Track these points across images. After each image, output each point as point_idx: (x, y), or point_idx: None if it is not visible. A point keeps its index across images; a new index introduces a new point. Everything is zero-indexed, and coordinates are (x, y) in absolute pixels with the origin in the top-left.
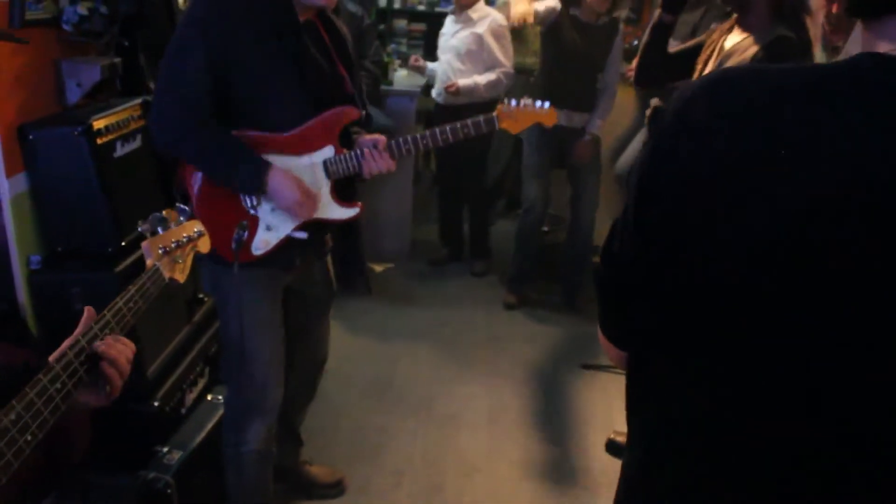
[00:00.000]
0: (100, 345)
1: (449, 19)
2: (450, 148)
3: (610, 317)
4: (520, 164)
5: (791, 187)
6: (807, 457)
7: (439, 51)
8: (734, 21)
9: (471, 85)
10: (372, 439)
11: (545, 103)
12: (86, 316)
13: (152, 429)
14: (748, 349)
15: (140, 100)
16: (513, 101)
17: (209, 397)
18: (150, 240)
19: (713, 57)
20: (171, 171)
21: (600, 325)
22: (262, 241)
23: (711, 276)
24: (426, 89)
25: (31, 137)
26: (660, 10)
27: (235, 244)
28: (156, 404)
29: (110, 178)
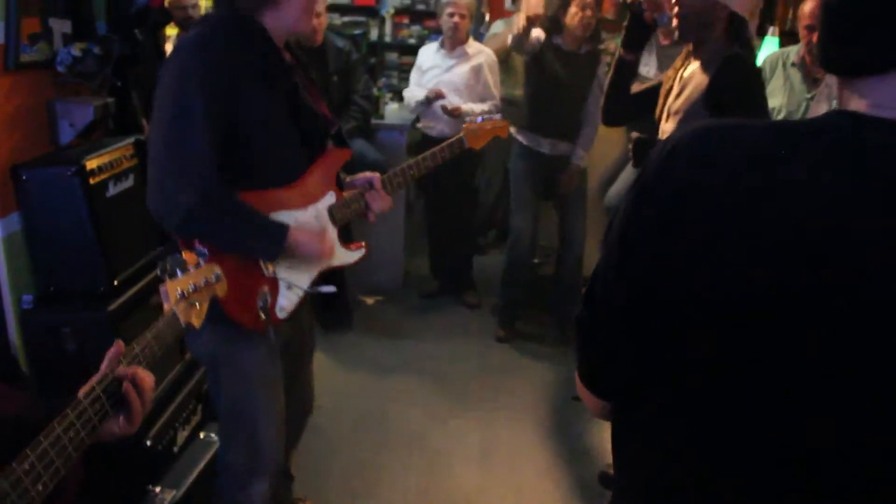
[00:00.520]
0: (124, 370)
1: (438, 54)
2: (437, 182)
3: (591, 365)
4: (510, 193)
5: (768, 242)
6: (793, 496)
7: (425, 83)
8: (688, 52)
9: (471, 109)
10: (365, 474)
11: (498, 116)
12: (112, 351)
13: (144, 468)
14: (733, 393)
15: (133, 139)
16: (475, 120)
17: (202, 435)
18: (168, 283)
19: (674, 90)
20: None
21: (580, 375)
22: (287, 301)
23: (694, 324)
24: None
25: (24, 178)
26: (621, 48)
27: (264, 312)
28: (148, 443)
29: (103, 218)
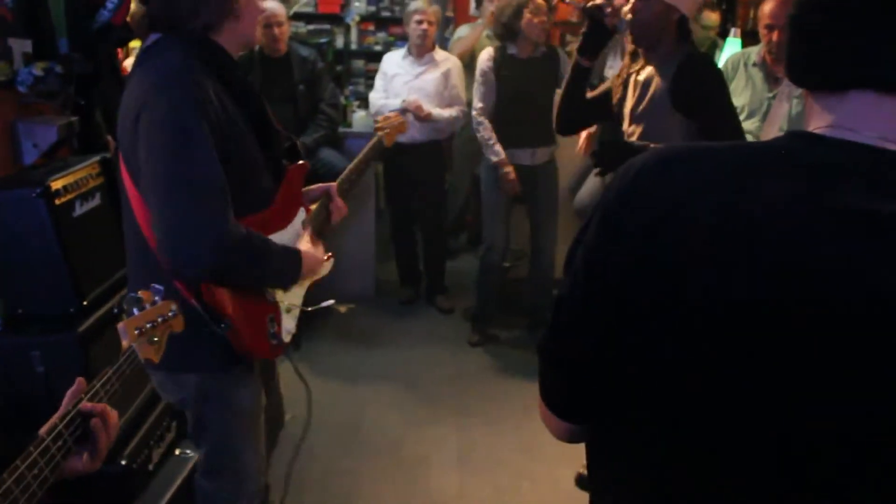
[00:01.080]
0: (90, 406)
1: (405, 61)
2: (398, 188)
3: (559, 393)
4: (479, 197)
5: (728, 269)
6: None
7: (393, 90)
8: (633, 55)
9: (441, 115)
10: (342, 484)
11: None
12: (73, 389)
13: (120, 488)
14: (700, 420)
15: (98, 157)
16: (383, 120)
17: (177, 452)
18: (125, 321)
19: (629, 94)
20: None
21: (542, 397)
22: (290, 323)
23: (661, 351)
24: None
25: None
26: (578, 54)
27: (275, 339)
28: (123, 463)
29: (70, 239)
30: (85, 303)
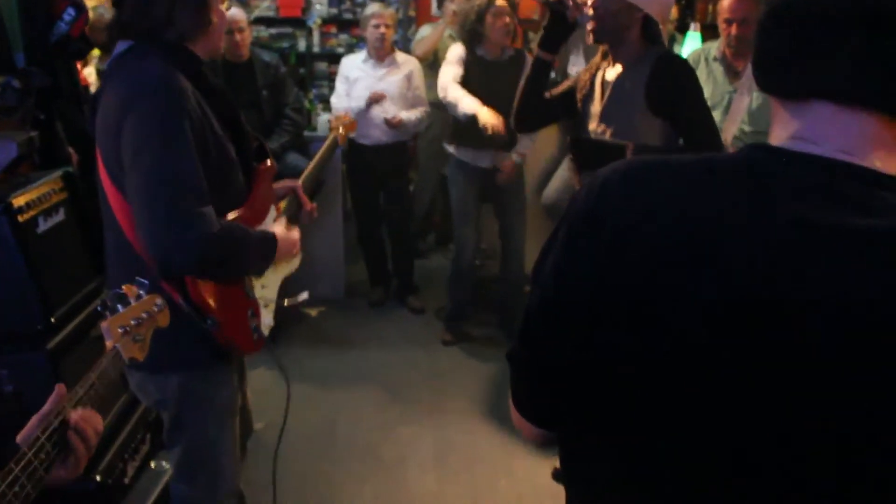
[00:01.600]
0: (70, 413)
1: (366, 65)
2: (364, 189)
3: (531, 400)
4: (446, 197)
5: (691, 283)
6: None
7: (356, 93)
8: (605, 54)
9: (409, 119)
10: (319, 489)
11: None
12: (54, 395)
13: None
14: (672, 430)
15: (61, 171)
16: (335, 118)
17: (152, 465)
18: (109, 320)
19: (597, 93)
20: (99, 242)
21: (514, 403)
22: (269, 318)
23: (630, 362)
24: None
25: None
26: (539, 48)
27: (256, 333)
28: (97, 478)
29: (35, 255)
30: (53, 319)
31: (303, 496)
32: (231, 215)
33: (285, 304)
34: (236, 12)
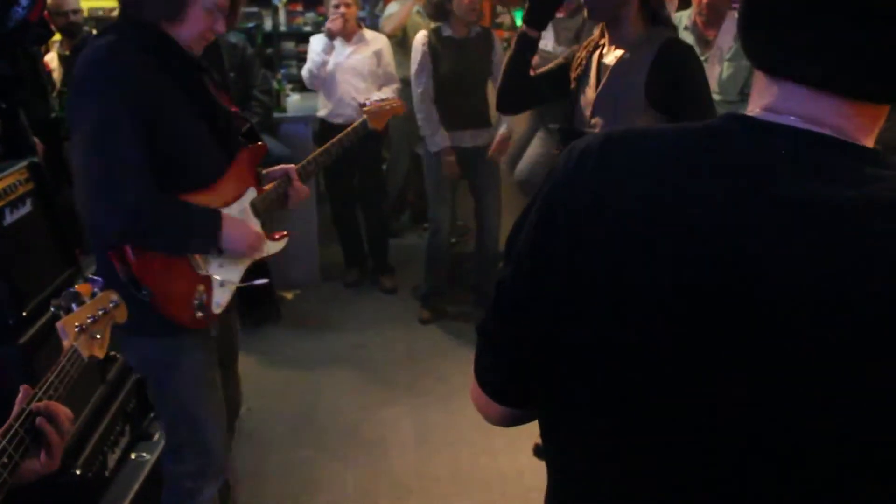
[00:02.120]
0: (36, 405)
1: (334, 43)
2: (337, 169)
3: (493, 371)
4: (419, 175)
5: (665, 257)
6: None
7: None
8: (602, 34)
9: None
10: (302, 473)
11: (392, 95)
12: (20, 396)
13: (76, 499)
14: (644, 411)
15: (26, 162)
16: (372, 98)
17: (133, 456)
18: (64, 319)
19: (592, 73)
20: (69, 232)
21: (478, 378)
22: (222, 297)
23: (602, 337)
24: None
25: None
26: (524, 24)
27: (200, 311)
28: (77, 472)
29: (2, 249)
30: (24, 313)
31: (285, 480)
32: (195, 194)
33: (242, 285)
34: None
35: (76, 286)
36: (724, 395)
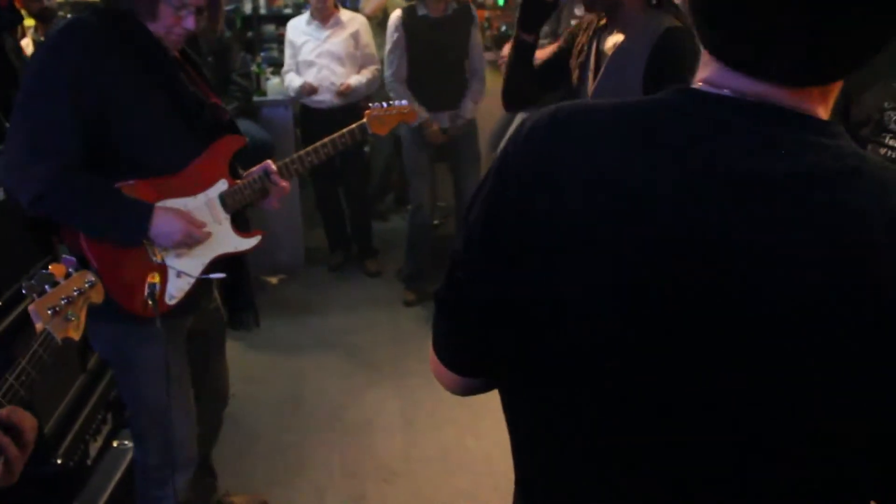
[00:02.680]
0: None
1: (310, 27)
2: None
3: (449, 341)
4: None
5: (613, 227)
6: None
7: (303, 57)
8: (603, 20)
9: (359, 83)
10: (289, 458)
11: (403, 101)
12: None
13: (57, 489)
14: (594, 381)
15: None
16: (378, 105)
17: (115, 444)
18: (36, 302)
19: (591, 62)
20: (42, 221)
21: (439, 355)
22: (176, 289)
23: (550, 307)
24: None
25: None
26: (517, 29)
27: (151, 299)
28: (58, 461)
29: None
30: (0, 302)
31: (272, 467)
32: (155, 180)
33: (199, 277)
34: None
35: (49, 267)
36: (666, 370)
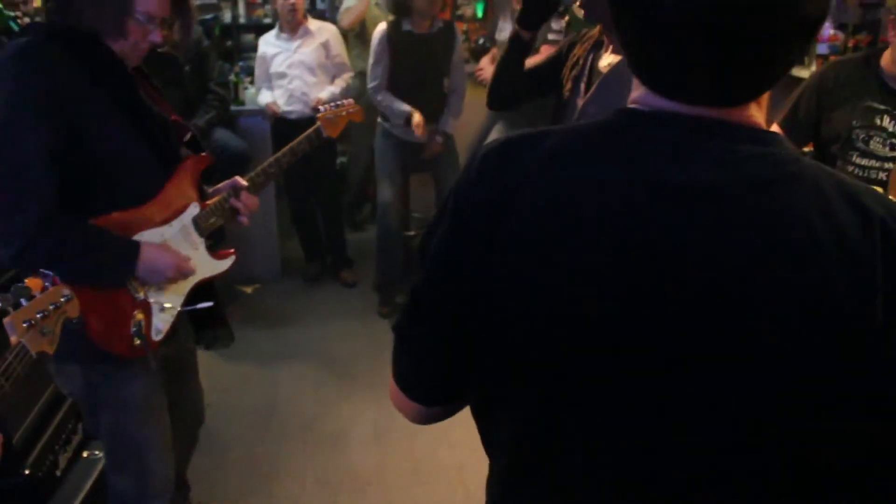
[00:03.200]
0: None
1: (280, 40)
2: (294, 164)
3: (410, 372)
4: None
5: (567, 254)
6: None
7: (278, 67)
8: (599, 35)
9: (332, 94)
10: (262, 469)
11: (349, 100)
12: None
13: (26, 499)
14: (561, 400)
15: None
16: (328, 107)
17: (85, 454)
18: (12, 315)
19: (584, 77)
20: None
21: (402, 386)
22: (162, 322)
23: (513, 330)
24: None
25: None
26: (516, 25)
27: (139, 339)
28: (26, 472)
29: None
30: None
31: (246, 477)
32: (128, 213)
33: (184, 308)
34: None
35: (26, 280)
36: (633, 377)
